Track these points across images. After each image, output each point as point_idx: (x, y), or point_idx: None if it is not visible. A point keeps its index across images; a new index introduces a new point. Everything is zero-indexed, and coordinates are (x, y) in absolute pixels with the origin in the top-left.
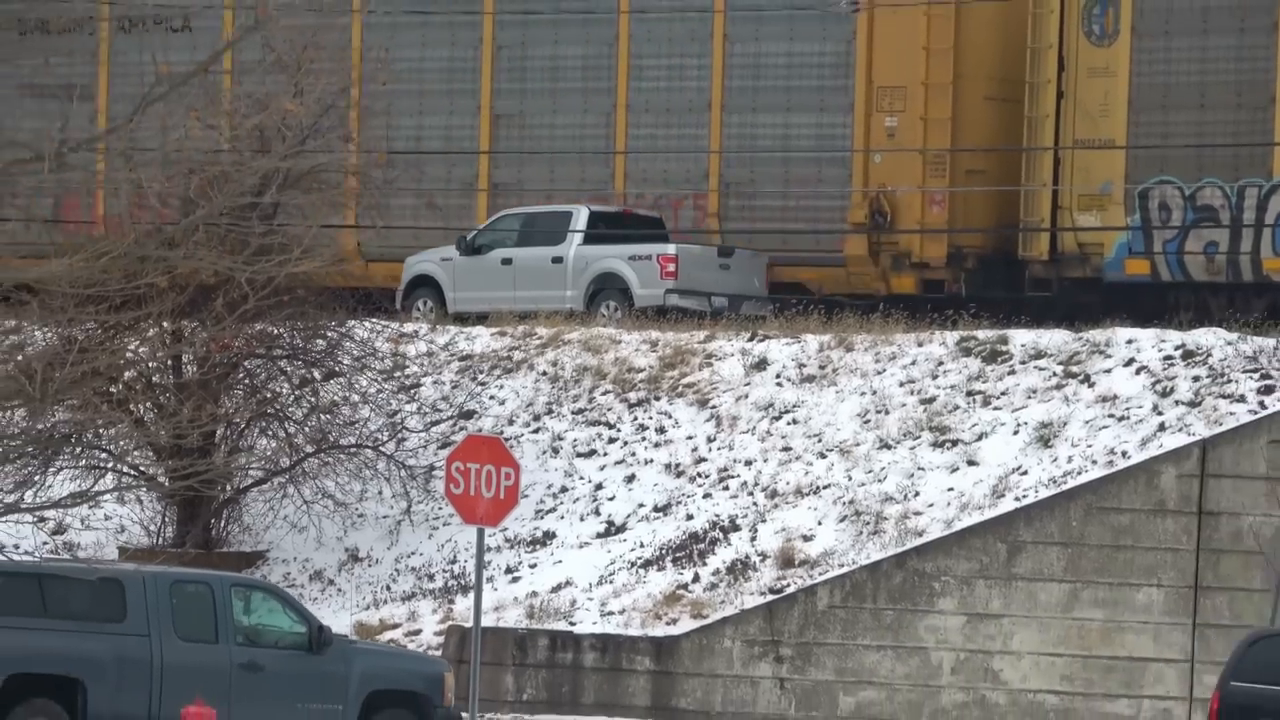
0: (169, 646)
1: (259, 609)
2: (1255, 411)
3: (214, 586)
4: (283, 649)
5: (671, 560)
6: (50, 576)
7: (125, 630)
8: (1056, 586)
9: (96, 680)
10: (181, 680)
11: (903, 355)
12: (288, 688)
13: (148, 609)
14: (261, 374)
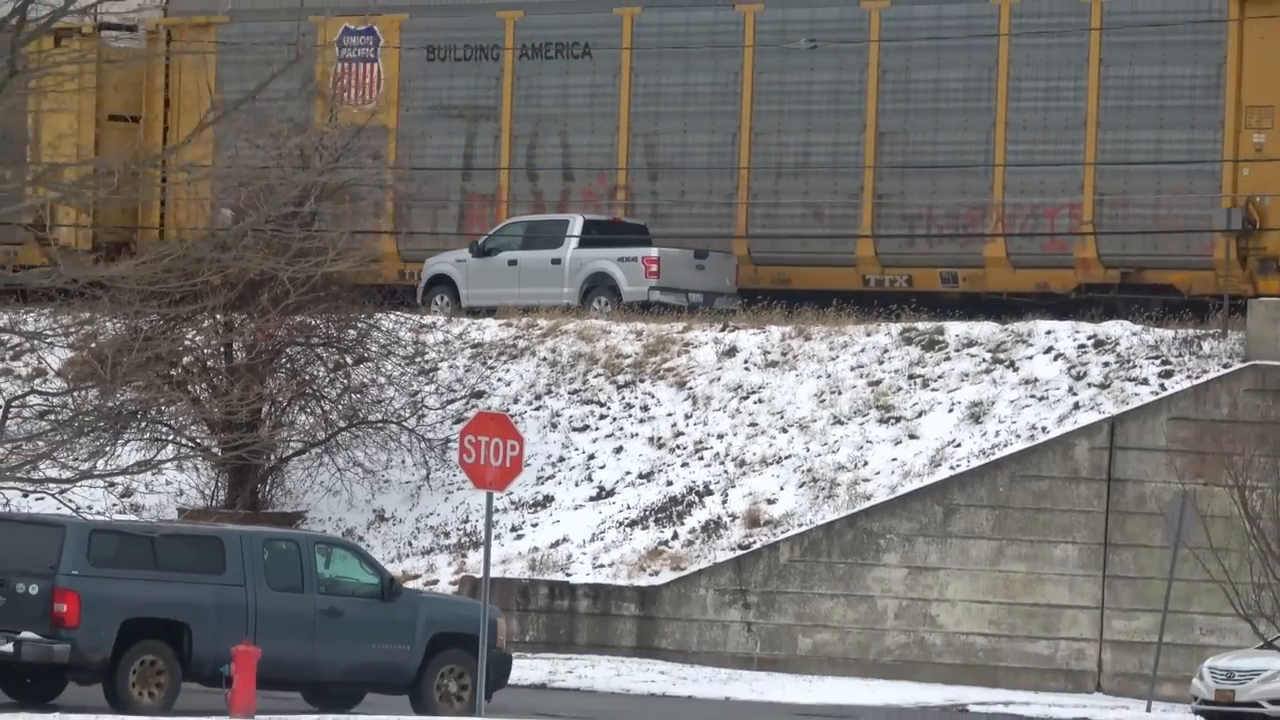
0: (262, 595)
1: (338, 563)
2: (1157, 393)
3: (300, 544)
4: (359, 597)
5: (654, 520)
6: (160, 534)
7: (224, 581)
8: (985, 543)
9: (200, 624)
10: (272, 624)
11: (853, 344)
12: (363, 631)
13: (244, 563)
14: (301, 359)
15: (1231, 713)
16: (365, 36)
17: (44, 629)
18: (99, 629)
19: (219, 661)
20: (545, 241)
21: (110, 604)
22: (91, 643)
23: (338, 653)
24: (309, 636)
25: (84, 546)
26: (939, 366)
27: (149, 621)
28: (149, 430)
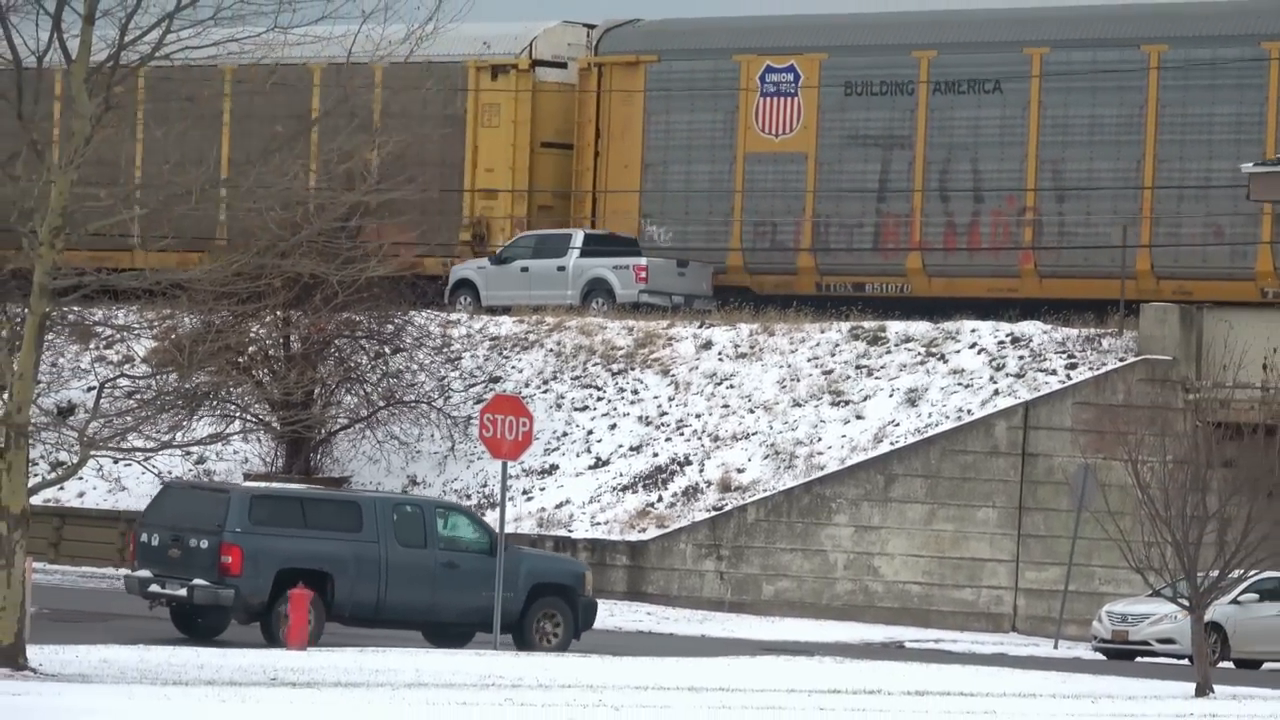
0: (392, 550)
1: (454, 523)
2: (1063, 382)
3: (424, 508)
4: (471, 552)
5: (642, 486)
6: (308, 499)
7: (361, 538)
8: (920, 507)
9: (341, 574)
10: (401, 575)
11: (810, 339)
12: (475, 580)
13: (378, 523)
14: (347, 349)
15: (1125, 649)
16: (786, 74)
17: (212, 577)
18: (258, 577)
19: (357, 606)
20: (552, 252)
21: (267, 556)
22: (251, 589)
23: (454, 598)
24: (430, 585)
25: (246, 509)
26: (881, 359)
27: (299, 571)
28: (219, 408)
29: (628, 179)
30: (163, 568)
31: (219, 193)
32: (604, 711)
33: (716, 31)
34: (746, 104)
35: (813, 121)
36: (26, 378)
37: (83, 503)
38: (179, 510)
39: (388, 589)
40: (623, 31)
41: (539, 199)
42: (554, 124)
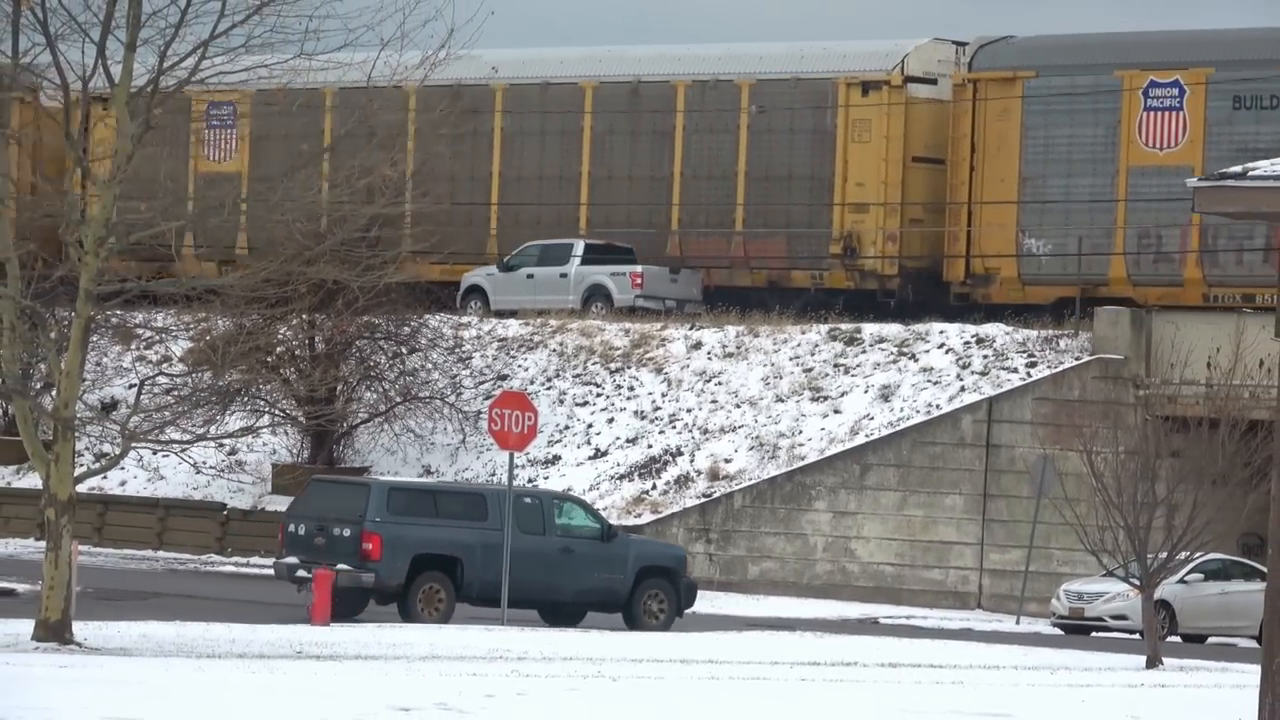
0: (515, 537)
1: (569, 513)
2: (1024, 379)
3: (542, 498)
4: (585, 538)
5: (638, 475)
6: (439, 491)
7: (487, 526)
8: (893, 494)
9: (470, 559)
10: (523, 560)
11: (792, 340)
12: (589, 564)
13: (501, 513)
14: (367, 349)
15: (1081, 625)
16: (1170, 88)
17: (354, 562)
18: (395, 562)
19: (483, 588)
20: (555, 260)
21: (404, 543)
22: (389, 572)
23: (570, 581)
24: (549, 568)
25: (384, 500)
26: (857, 358)
27: (432, 557)
28: (250, 403)
29: (1003, 191)
30: (308, 554)
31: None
32: (603, 682)
33: (1096, 47)
34: (1129, 117)
35: (1199, 135)
36: (73, 376)
37: (124, 490)
38: (323, 502)
39: (511, 571)
40: (997, 48)
41: (910, 212)
42: (925, 139)
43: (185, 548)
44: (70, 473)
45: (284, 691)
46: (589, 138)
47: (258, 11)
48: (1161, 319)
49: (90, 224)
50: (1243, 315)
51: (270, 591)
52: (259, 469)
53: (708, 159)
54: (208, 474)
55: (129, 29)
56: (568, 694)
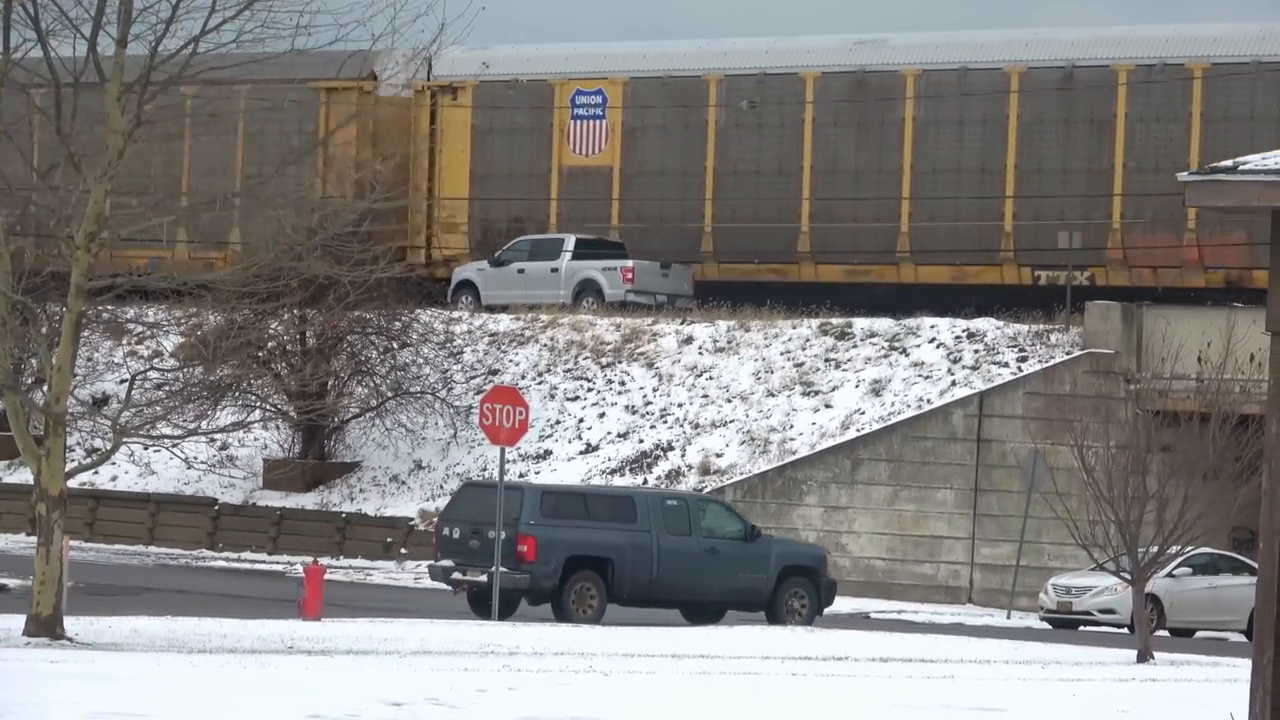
0: (662, 539)
1: (713, 514)
2: (1015, 374)
3: (688, 501)
4: (729, 539)
5: (629, 469)
6: (590, 494)
7: (636, 529)
8: (884, 488)
9: (620, 560)
10: (670, 560)
11: (783, 334)
12: (733, 564)
13: (650, 515)
14: (358, 344)
15: (1069, 619)
16: None
17: (510, 564)
18: (549, 563)
19: (634, 587)
20: (546, 255)
21: (557, 545)
22: (544, 573)
23: (715, 580)
24: (695, 568)
25: (538, 503)
26: (848, 352)
27: (584, 558)
28: (241, 398)
29: None
30: (463, 557)
31: (250, 199)
32: (594, 677)
33: None
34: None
35: None
36: (64, 371)
37: (115, 486)
38: (477, 506)
39: (659, 572)
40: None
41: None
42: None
43: (176, 543)
44: (61, 468)
45: (275, 686)
46: (1014, 126)
47: (249, 7)
48: (1152, 313)
49: (82, 219)
50: (1233, 309)
51: (261, 586)
52: (250, 464)
53: (1154, 150)
54: (199, 469)
55: (120, 24)
56: (559, 689)
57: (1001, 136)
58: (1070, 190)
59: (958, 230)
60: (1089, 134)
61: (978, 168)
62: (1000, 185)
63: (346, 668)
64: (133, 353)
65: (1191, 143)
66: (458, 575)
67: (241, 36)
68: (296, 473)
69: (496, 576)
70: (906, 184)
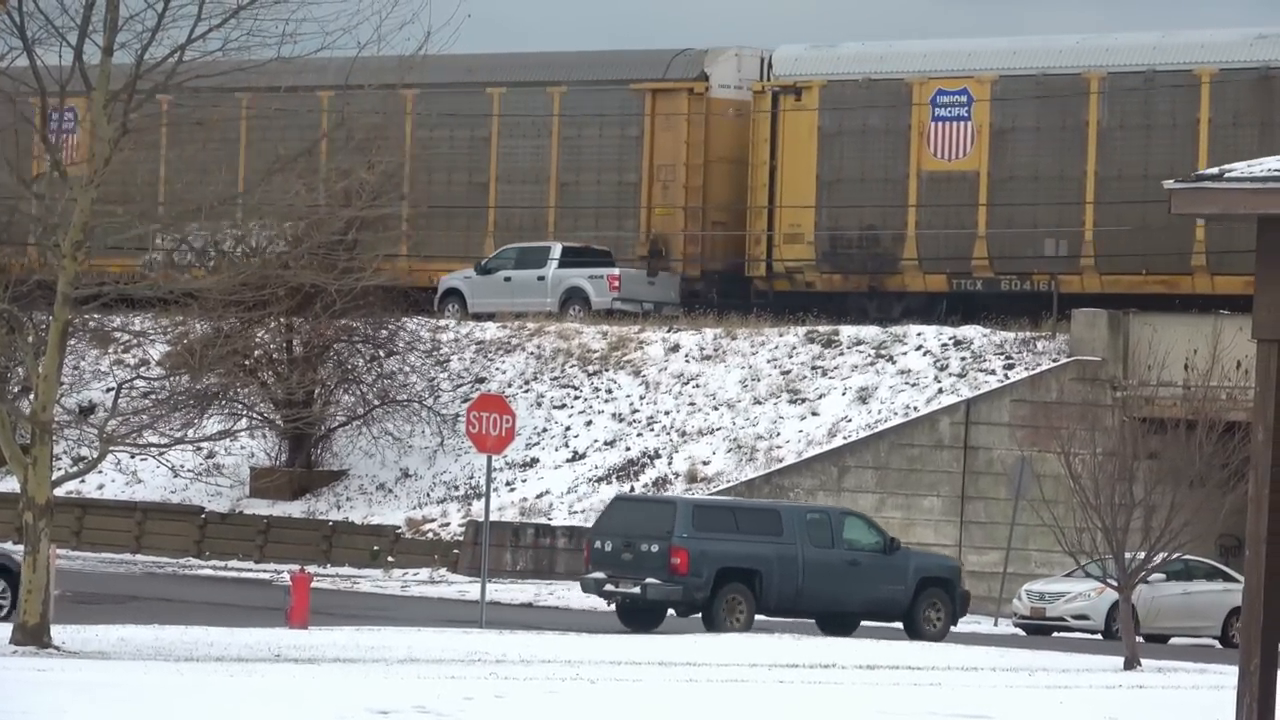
0: (807, 551)
1: (854, 527)
2: (1002, 381)
3: (829, 514)
4: (869, 551)
5: (616, 477)
6: (738, 508)
7: (782, 541)
8: (871, 496)
9: (768, 571)
10: (814, 571)
11: (769, 342)
12: (873, 575)
13: (794, 527)
14: (345, 352)
15: (1042, 625)
16: None
17: (663, 576)
18: (701, 575)
19: (780, 598)
20: (532, 263)
21: (708, 557)
22: (696, 585)
23: (856, 591)
24: (838, 579)
25: (690, 517)
26: (835, 360)
27: (734, 569)
28: (228, 407)
29: None
30: (615, 569)
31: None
32: (581, 684)
33: None
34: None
35: None
36: (51, 379)
37: (102, 494)
38: (628, 520)
39: (804, 583)
40: None
41: None
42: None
43: (163, 551)
44: (48, 476)
45: (262, 694)
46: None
47: (234, 15)
48: (1139, 320)
49: (68, 228)
50: (1220, 317)
51: (248, 594)
52: (237, 472)
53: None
54: (186, 477)
55: (106, 33)
56: (546, 696)
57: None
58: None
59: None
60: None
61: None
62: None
63: (333, 676)
64: (119, 361)
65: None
66: (610, 587)
67: (228, 45)
68: (283, 481)
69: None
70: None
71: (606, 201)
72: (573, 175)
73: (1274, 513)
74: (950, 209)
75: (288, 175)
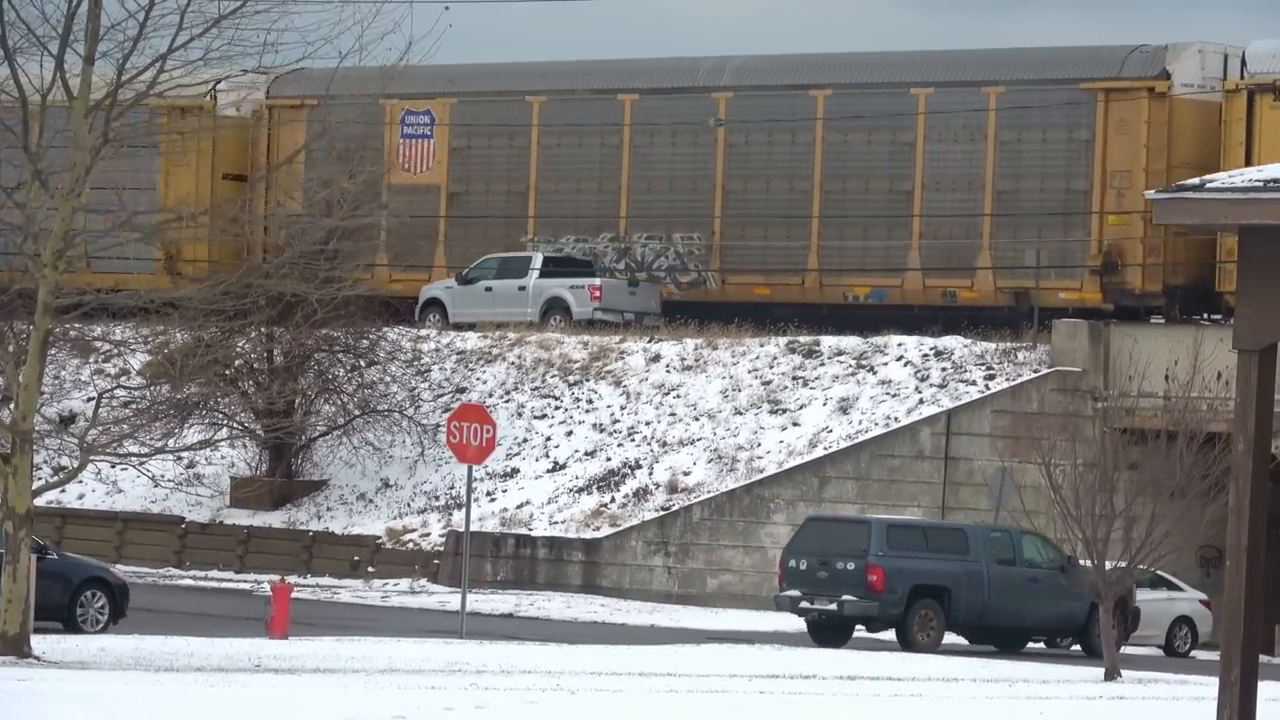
0: (991, 568)
1: (1033, 546)
2: (982, 392)
3: (1011, 534)
4: (1047, 569)
5: (596, 488)
6: (928, 527)
7: (968, 559)
8: (852, 506)
9: (957, 588)
10: (998, 587)
11: (750, 353)
12: (1051, 592)
13: (979, 546)
14: (325, 362)
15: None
16: None
17: (859, 593)
18: (895, 592)
19: (968, 614)
20: (513, 273)
21: (902, 575)
22: (890, 601)
23: (1036, 608)
24: (1019, 594)
25: (884, 535)
26: (816, 370)
27: (926, 586)
28: (208, 416)
29: None
30: (810, 587)
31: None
32: (562, 695)
33: None
34: None
35: None
36: (31, 388)
37: (82, 504)
38: (823, 539)
39: (990, 600)
40: None
41: None
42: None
43: (144, 560)
44: (28, 485)
45: (242, 704)
46: None
47: (215, 24)
48: (1119, 331)
49: (49, 237)
50: (1200, 328)
51: (228, 604)
52: (217, 482)
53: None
54: (166, 487)
55: (87, 42)
56: (527, 707)
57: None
58: None
59: None
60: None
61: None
62: None
63: (314, 686)
64: (100, 370)
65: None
66: (805, 604)
67: (209, 54)
68: (264, 491)
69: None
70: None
71: (1051, 208)
72: (1012, 182)
73: (1254, 524)
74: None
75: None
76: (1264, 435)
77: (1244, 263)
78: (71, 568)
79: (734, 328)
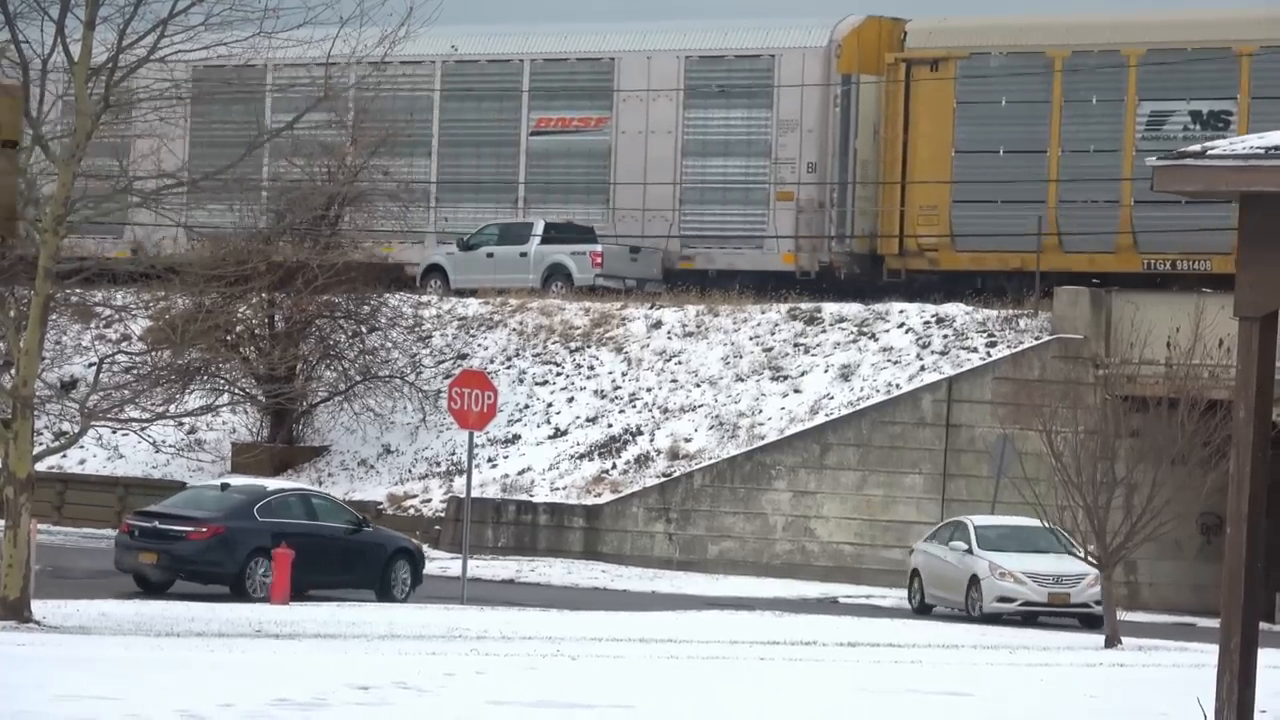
0: None
1: None
2: (984, 359)
3: None
4: None
5: (598, 454)
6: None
7: None
8: (852, 473)
9: None
10: None
11: (752, 319)
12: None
13: None
14: (327, 328)
15: (1066, 611)
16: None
17: None
18: None
19: None
20: (515, 239)
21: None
22: None
23: None
24: None
25: None
26: (817, 337)
27: None
28: (209, 382)
29: None
30: None
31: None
32: (562, 661)
33: None
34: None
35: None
36: (32, 354)
37: (83, 469)
38: None
39: None
40: None
41: None
42: None
43: None
44: (29, 451)
45: (242, 669)
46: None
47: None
48: (1121, 298)
49: (49, 202)
50: (1202, 295)
51: None
52: (218, 448)
53: None
54: (167, 453)
55: (88, 7)
56: (527, 672)
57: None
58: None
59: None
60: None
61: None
62: None
63: (314, 651)
64: (101, 336)
65: None
66: None
67: (210, 19)
68: (265, 456)
69: None
70: None
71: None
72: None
73: (1255, 491)
74: None
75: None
76: (1265, 403)
77: (1245, 230)
78: (386, 540)
79: (735, 294)
